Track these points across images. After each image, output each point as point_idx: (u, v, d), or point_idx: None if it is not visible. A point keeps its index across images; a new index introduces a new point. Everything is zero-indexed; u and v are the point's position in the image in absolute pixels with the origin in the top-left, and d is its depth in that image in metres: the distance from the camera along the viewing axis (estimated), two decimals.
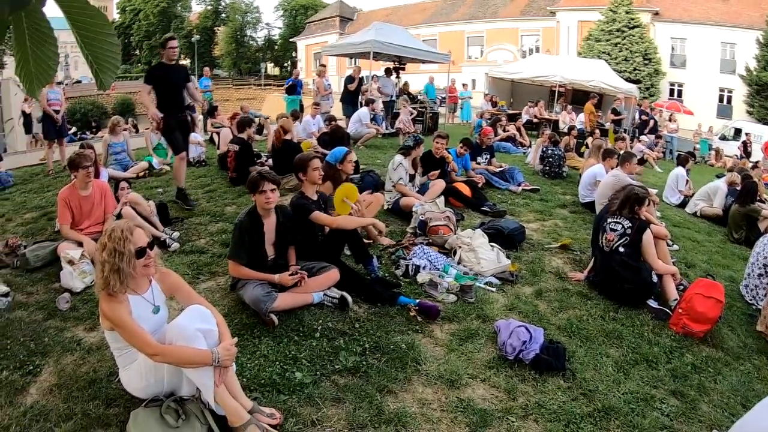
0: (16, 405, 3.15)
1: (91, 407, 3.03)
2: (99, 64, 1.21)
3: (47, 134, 9.85)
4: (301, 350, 3.39)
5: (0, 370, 3.48)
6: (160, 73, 6.15)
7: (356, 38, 16.15)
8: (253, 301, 3.66)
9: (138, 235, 2.78)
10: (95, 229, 5.07)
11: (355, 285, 4.06)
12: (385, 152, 10.48)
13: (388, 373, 3.18)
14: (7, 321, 4.09)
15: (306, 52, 47.22)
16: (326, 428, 2.76)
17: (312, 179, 4.45)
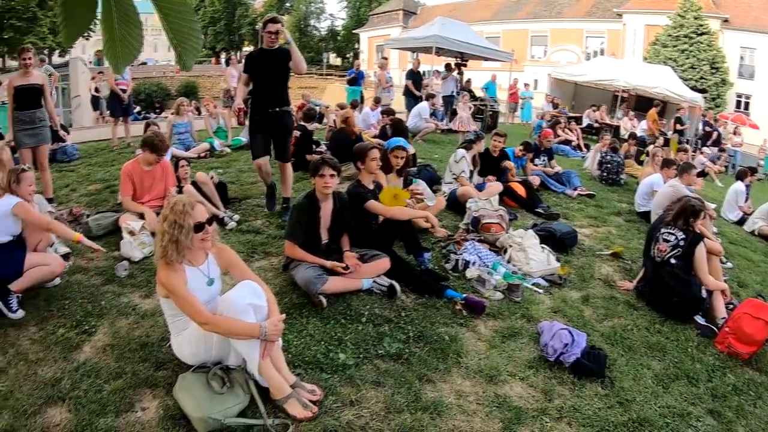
0: (70, 360, 3.34)
1: (141, 368, 3.20)
2: (182, 46, 1.28)
3: (113, 112, 10.25)
4: (346, 333, 3.48)
5: (57, 328, 3.70)
6: (255, 61, 5.43)
7: (419, 32, 16.14)
8: (304, 282, 3.77)
9: (198, 211, 2.89)
10: (155, 203, 5.31)
11: (404, 275, 4.12)
12: (443, 147, 10.49)
13: (429, 363, 3.24)
14: (66, 283, 4.33)
15: (368, 44, 47.18)
16: (364, 409, 2.83)
17: (369, 169, 4.57)
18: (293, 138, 7.65)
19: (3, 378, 3.24)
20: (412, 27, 39.06)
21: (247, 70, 5.42)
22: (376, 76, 13.87)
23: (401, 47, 21.22)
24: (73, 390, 3.07)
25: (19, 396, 3.05)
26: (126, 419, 2.84)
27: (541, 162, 8.36)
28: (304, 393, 2.84)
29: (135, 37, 1.26)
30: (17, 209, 3.98)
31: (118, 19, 1.23)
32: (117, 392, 3.01)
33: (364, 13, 54.03)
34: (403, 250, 4.61)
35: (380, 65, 14.04)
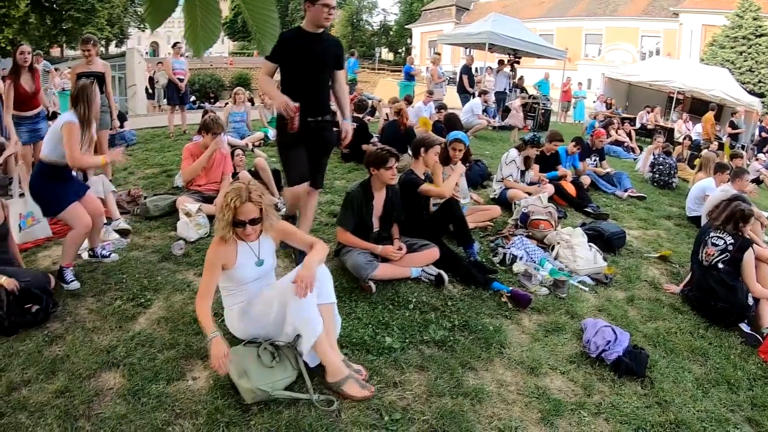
0: (125, 330, 3.53)
1: (194, 341, 3.35)
2: (261, 32, 1.37)
3: (170, 100, 10.56)
4: (393, 318, 3.59)
5: (114, 300, 3.90)
6: (291, 45, 3.77)
7: (473, 28, 16.04)
8: (354, 267, 3.89)
9: (245, 209, 2.93)
10: (211, 187, 5.53)
11: (452, 265, 4.19)
12: (494, 144, 10.49)
13: (473, 351, 3.31)
14: (124, 259, 4.57)
15: (421, 39, 46.78)
16: (407, 391, 2.92)
17: (427, 161, 4.68)
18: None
19: (60, 343, 3.44)
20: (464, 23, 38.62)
21: (277, 58, 3.85)
22: (429, 71, 13.85)
23: (454, 43, 21.18)
24: (127, 357, 3.24)
25: (75, 360, 3.23)
26: (177, 387, 2.98)
27: (593, 162, 8.27)
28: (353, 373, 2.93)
29: (215, 24, 1.34)
30: (66, 128, 4.04)
31: (200, 6, 1.31)
32: (169, 361, 3.17)
33: (416, 8, 53.59)
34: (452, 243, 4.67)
35: (433, 60, 14.04)
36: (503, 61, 15.05)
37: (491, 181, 6.80)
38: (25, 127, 5.93)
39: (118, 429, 2.69)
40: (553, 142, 7.07)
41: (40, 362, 3.26)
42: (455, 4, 44.28)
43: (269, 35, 1.36)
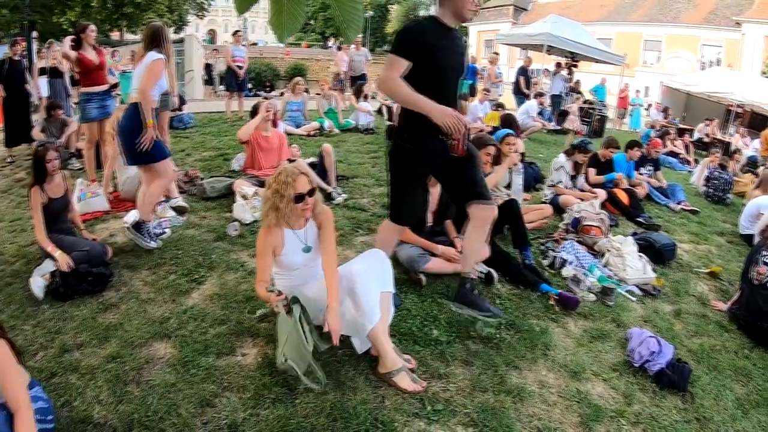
0: (179, 303, 3.67)
1: (245, 318, 3.46)
2: (346, 23, 1.44)
3: (229, 86, 10.87)
4: (441, 311, 3.63)
5: (168, 274, 4.06)
6: (433, 41, 3.06)
7: (531, 29, 15.88)
8: (407, 260, 3.95)
9: (300, 182, 3.00)
10: (268, 172, 5.58)
11: (502, 265, 4.20)
12: (548, 147, 10.38)
13: (518, 350, 3.33)
14: (180, 236, 4.74)
15: (477, 37, 45.94)
16: (450, 384, 2.96)
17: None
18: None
19: (114, 311, 3.60)
20: (522, 23, 38.07)
21: (412, 54, 3.01)
22: (486, 71, 13.78)
23: (512, 43, 20.92)
24: (179, 329, 3.36)
25: (128, 329, 3.37)
26: (226, 361, 3.07)
27: (647, 172, 8.10)
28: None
29: (300, 12, 1.42)
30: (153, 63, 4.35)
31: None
32: (220, 336, 3.27)
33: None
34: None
35: (490, 60, 13.96)
36: (560, 64, 14.83)
37: (543, 185, 6.77)
38: (94, 104, 6.11)
39: (166, 396, 2.78)
40: (609, 148, 6.98)
41: (94, 328, 3.41)
42: (513, 3, 43.48)
43: (353, 26, 1.42)
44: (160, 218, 5.04)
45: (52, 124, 7.82)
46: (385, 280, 3.05)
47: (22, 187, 6.91)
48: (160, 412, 2.67)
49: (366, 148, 8.40)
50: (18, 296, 3.84)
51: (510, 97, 14.06)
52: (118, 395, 2.81)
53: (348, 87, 12.64)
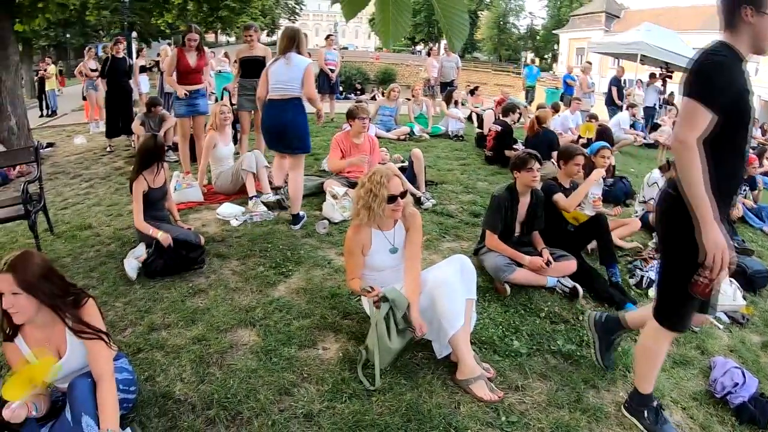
0: (265, 294, 3.77)
1: (329, 314, 3.51)
2: (452, 31, 1.43)
3: (321, 89, 10.79)
4: (523, 323, 3.57)
5: (257, 266, 4.19)
6: (740, 84, 2.29)
7: (624, 37, 15.31)
8: (493, 269, 3.91)
9: (394, 183, 3.03)
10: (358, 174, 5.56)
11: (587, 281, 4.07)
12: (640, 162, 9.96)
13: (597, 370, 3.21)
14: (270, 230, 4.89)
15: (568, 45, 44.87)
16: (527, 396, 2.89)
17: (570, 172, 4.57)
18: (493, 132, 7.72)
19: (202, 296, 3.76)
20: (614, 31, 36.77)
21: (724, 104, 2.23)
22: (578, 80, 13.39)
23: (605, 52, 20.22)
24: (264, 319, 3.45)
25: (215, 314, 3.50)
26: (308, 353, 3.13)
27: (741, 192, 7.61)
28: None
29: (405, 20, 1.42)
30: (309, 69, 4.93)
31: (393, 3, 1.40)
32: (303, 329, 3.34)
33: (564, 13, 51.68)
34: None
35: (583, 69, 13.50)
36: (654, 75, 14.18)
37: (634, 200, 6.51)
38: (184, 101, 6.39)
39: (247, 381, 2.87)
40: None
41: (182, 310, 3.57)
42: (605, 10, 42.03)
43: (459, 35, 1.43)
44: (252, 212, 5.25)
45: (151, 119, 8.22)
46: (469, 287, 3.04)
47: (120, 174, 7.43)
48: (239, 395, 2.76)
49: (455, 155, 8.37)
50: (112, 275, 4.11)
51: (602, 107, 13.57)
52: (200, 375, 2.93)
53: (438, 93, 12.58)
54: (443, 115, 10.62)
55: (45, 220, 5.29)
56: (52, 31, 31.29)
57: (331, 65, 11.06)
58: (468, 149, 8.92)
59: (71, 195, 6.74)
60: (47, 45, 34.78)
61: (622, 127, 11.03)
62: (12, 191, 7.22)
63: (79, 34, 35.47)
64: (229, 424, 2.61)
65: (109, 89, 9.21)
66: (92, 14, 25.25)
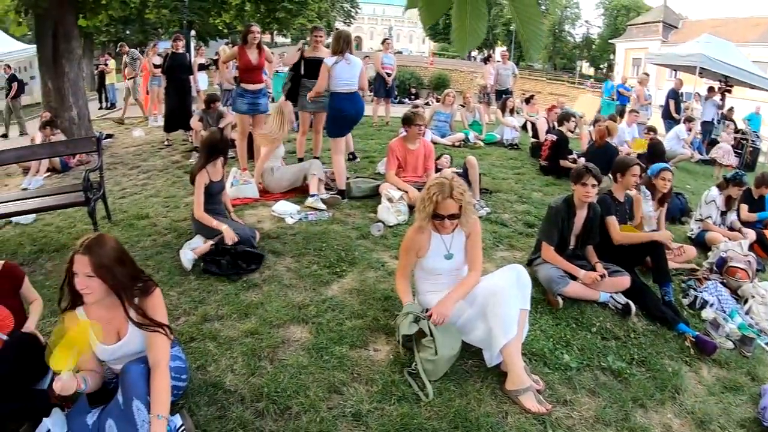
0: (319, 293, 3.80)
1: (381, 316, 3.52)
2: (529, 42, 1.43)
3: (377, 92, 10.89)
4: (574, 337, 3.51)
5: (311, 264, 4.22)
6: None
7: (683, 49, 14.68)
8: (546, 280, 3.85)
9: (445, 204, 3.00)
10: (413, 179, 5.65)
11: (640, 297, 3.96)
12: (696, 178, 9.63)
13: (647, 389, 3.13)
14: (325, 229, 4.90)
15: (624, 55, 43.46)
16: (575, 411, 2.85)
17: (627, 184, 4.44)
18: (548, 141, 7.56)
19: (256, 291, 3.81)
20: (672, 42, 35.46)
21: None
22: (635, 92, 12.96)
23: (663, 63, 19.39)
24: (317, 317, 3.48)
25: (268, 309, 3.55)
26: (359, 353, 3.14)
27: None
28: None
29: (481, 28, 1.42)
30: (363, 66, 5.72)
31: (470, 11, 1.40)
32: (355, 329, 3.36)
33: (621, 22, 50.09)
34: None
35: (640, 80, 13.02)
36: (713, 88, 13.62)
37: (689, 217, 6.30)
38: (247, 99, 6.42)
39: (297, 377, 2.90)
40: (761, 186, 6.34)
41: (236, 303, 3.63)
42: (662, 20, 40.46)
43: (536, 46, 1.43)
44: (309, 211, 5.30)
45: (209, 115, 8.32)
46: (524, 297, 3.02)
47: (177, 168, 7.60)
48: (289, 390, 2.80)
49: (510, 164, 8.25)
50: (167, 265, 4.22)
51: (658, 120, 13.13)
52: (251, 368, 2.98)
53: (493, 101, 12.41)
54: (498, 123, 10.45)
55: (103, 208, 5.43)
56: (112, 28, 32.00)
57: (388, 69, 10.97)
58: (523, 158, 8.78)
59: (129, 185, 6.92)
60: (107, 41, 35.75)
61: (682, 138, 10.66)
62: (71, 179, 7.46)
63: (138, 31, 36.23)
64: (278, 418, 2.64)
65: (168, 84, 9.34)
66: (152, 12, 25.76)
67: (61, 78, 8.66)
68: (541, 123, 8.96)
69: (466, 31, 1.41)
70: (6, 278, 2.95)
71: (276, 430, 2.58)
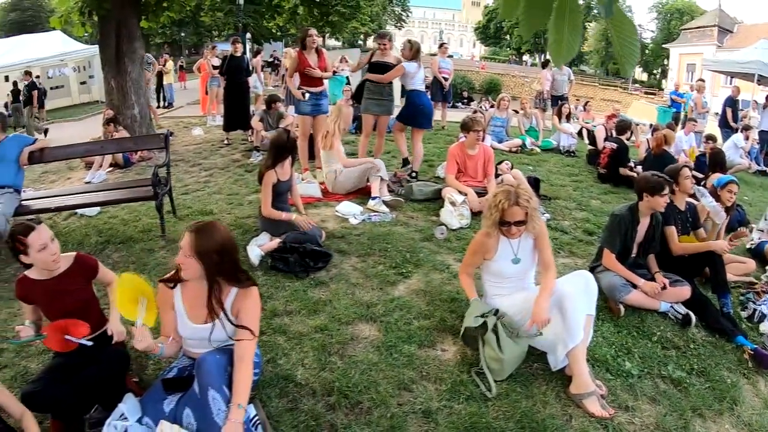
0: (386, 292, 3.83)
1: (448, 317, 3.53)
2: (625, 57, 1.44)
3: (434, 96, 10.53)
4: (635, 345, 3.48)
5: (377, 264, 4.25)
6: None
7: (740, 56, 14.16)
8: (608, 288, 3.81)
9: (512, 211, 3.00)
10: (473, 183, 5.62)
11: (700, 309, 3.89)
12: (754, 190, 9.25)
13: (705, 399, 3.09)
14: (389, 231, 4.91)
15: (678, 60, 41.62)
16: (636, 417, 2.84)
17: (684, 188, 4.36)
18: (608, 150, 7.42)
19: (324, 289, 3.85)
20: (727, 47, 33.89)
21: None
22: (692, 100, 12.47)
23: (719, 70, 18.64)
24: (384, 316, 3.51)
25: (336, 306, 3.59)
26: (426, 353, 3.17)
27: None
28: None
29: (576, 42, 1.43)
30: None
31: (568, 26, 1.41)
32: (423, 329, 3.38)
33: (675, 26, 48.12)
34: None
35: (697, 88, 12.53)
36: None
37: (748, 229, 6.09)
38: (310, 101, 6.53)
39: (368, 373, 2.94)
40: None
41: (304, 300, 3.67)
42: (717, 24, 38.54)
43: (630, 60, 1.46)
44: (372, 212, 5.34)
45: (269, 116, 8.38)
46: (590, 303, 3.02)
47: (238, 166, 7.65)
48: (360, 386, 2.85)
49: (567, 171, 8.11)
50: None
51: (714, 129, 12.59)
52: (322, 363, 3.05)
53: (549, 106, 12.11)
54: (555, 129, 10.25)
55: (169, 203, 5.49)
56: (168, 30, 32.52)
57: (445, 73, 10.84)
58: (579, 165, 8.61)
59: (191, 182, 6.99)
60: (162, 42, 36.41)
61: (740, 147, 10.18)
62: (133, 174, 7.64)
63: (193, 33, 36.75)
64: (349, 412, 2.69)
65: (227, 85, 9.39)
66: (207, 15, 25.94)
67: (124, 77, 8.81)
68: (599, 131, 8.73)
69: (562, 45, 1.42)
70: (79, 270, 2.88)
71: (347, 424, 2.61)
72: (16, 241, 2.64)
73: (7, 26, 40.13)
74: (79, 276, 2.86)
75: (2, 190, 4.89)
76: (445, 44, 11.94)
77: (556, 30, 1.42)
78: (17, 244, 2.64)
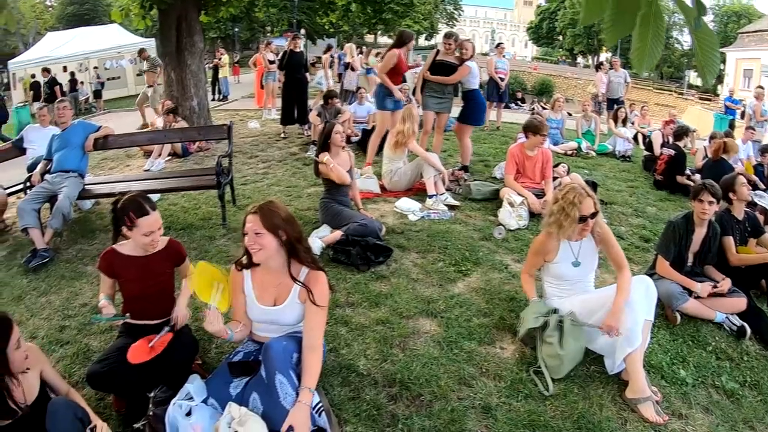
0: (446, 289, 3.85)
1: (507, 316, 3.54)
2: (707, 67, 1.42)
3: (490, 96, 10.42)
4: (690, 354, 3.43)
5: (437, 261, 4.26)
6: None
7: None
8: (666, 295, 3.73)
9: (586, 204, 3.00)
10: (531, 185, 5.58)
11: (755, 321, 3.78)
12: None
13: (757, 412, 3.01)
14: (448, 229, 4.91)
15: (735, 65, 38.97)
16: (689, 426, 2.80)
17: (742, 196, 4.24)
18: (665, 156, 7.21)
19: (385, 283, 3.88)
20: None
21: None
22: (751, 107, 11.87)
23: None
24: (445, 311, 3.53)
25: (397, 300, 3.62)
26: (486, 350, 3.19)
27: None
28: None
29: (659, 50, 1.40)
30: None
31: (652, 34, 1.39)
32: (483, 327, 3.40)
33: (732, 29, 45.66)
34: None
35: (756, 95, 11.88)
36: None
37: None
38: (393, 98, 6.73)
39: (429, 366, 2.97)
40: None
41: (366, 292, 3.71)
42: None
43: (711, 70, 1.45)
44: (431, 210, 5.37)
45: (327, 110, 8.39)
46: (650, 309, 2.98)
47: (296, 160, 7.72)
48: (421, 379, 2.88)
49: (623, 176, 7.89)
50: None
51: None
52: (383, 354, 3.09)
53: (604, 109, 11.78)
54: (610, 133, 9.95)
55: (230, 192, 5.58)
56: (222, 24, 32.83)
57: (501, 74, 10.64)
58: (635, 171, 8.36)
59: (250, 173, 7.07)
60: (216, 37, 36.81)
61: None
62: (191, 164, 7.78)
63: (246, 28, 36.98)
64: (410, 404, 2.73)
65: (286, 80, 9.48)
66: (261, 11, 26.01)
67: (184, 69, 8.88)
68: (656, 136, 8.47)
69: (646, 52, 1.39)
70: (168, 254, 2.88)
71: (408, 415, 2.64)
72: (127, 216, 2.61)
73: (65, 19, 41.70)
74: (167, 260, 2.89)
75: (67, 174, 5.08)
76: (501, 44, 11.76)
77: (641, 37, 1.40)
78: (126, 219, 2.62)
